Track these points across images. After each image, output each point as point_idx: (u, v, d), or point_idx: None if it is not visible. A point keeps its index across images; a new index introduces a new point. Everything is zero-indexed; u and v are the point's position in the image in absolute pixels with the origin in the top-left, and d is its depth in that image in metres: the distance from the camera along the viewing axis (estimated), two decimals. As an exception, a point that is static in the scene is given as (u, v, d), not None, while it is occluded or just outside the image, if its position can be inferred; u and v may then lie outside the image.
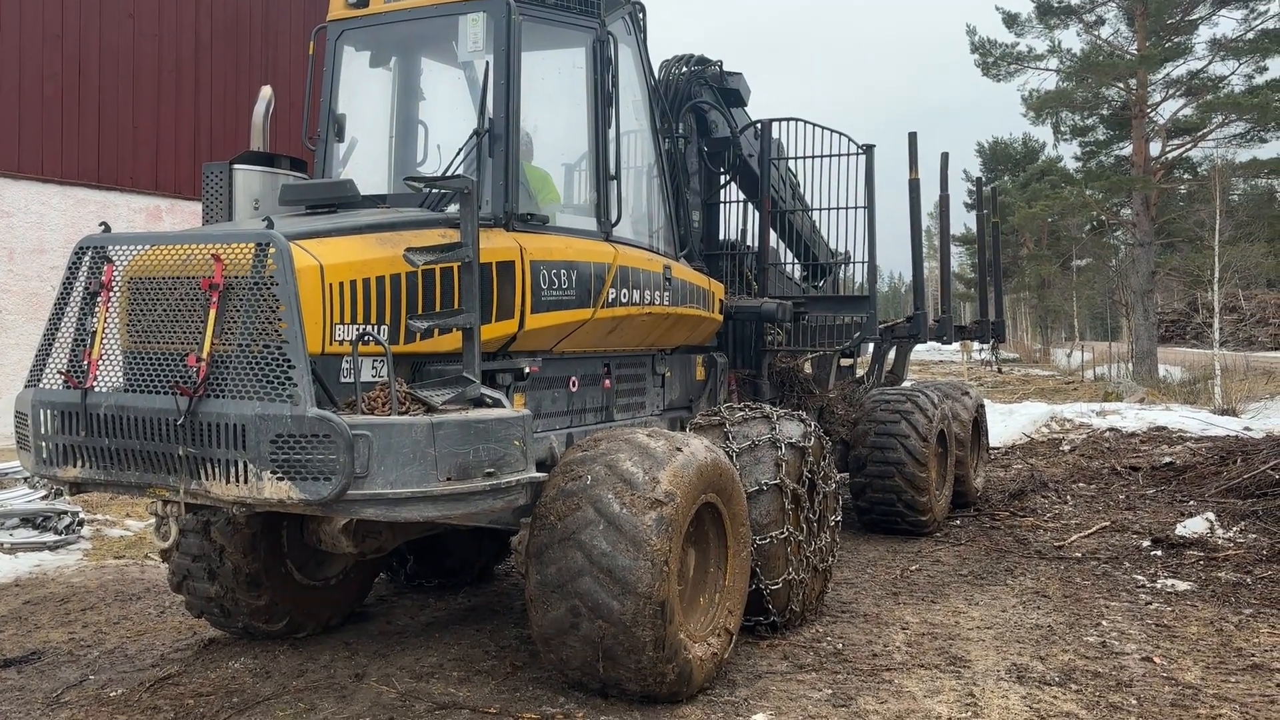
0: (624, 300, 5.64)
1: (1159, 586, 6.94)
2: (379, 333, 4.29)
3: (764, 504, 5.57)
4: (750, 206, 8.53)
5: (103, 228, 4.65)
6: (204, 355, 3.94)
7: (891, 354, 10.70)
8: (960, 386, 10.65)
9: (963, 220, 53.33)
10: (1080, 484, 11.05)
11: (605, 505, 4.45)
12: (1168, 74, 30.10)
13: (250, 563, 5.38)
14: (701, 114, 8.01)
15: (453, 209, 4.82)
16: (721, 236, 8.47)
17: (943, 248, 11.18)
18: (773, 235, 8.52)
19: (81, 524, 8.48)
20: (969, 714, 4.63)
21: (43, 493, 8.50)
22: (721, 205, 8.43)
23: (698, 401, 7.09)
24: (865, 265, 8.43)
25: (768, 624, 5.68)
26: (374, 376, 4.32)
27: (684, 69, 8.00)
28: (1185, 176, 32.37)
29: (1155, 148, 30.64)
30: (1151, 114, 30.27)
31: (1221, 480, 10.45)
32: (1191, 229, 30.07)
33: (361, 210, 4.98)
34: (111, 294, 4.28)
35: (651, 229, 6.35)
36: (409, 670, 5.23)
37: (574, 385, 5.66)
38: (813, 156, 8.32)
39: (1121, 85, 30.42)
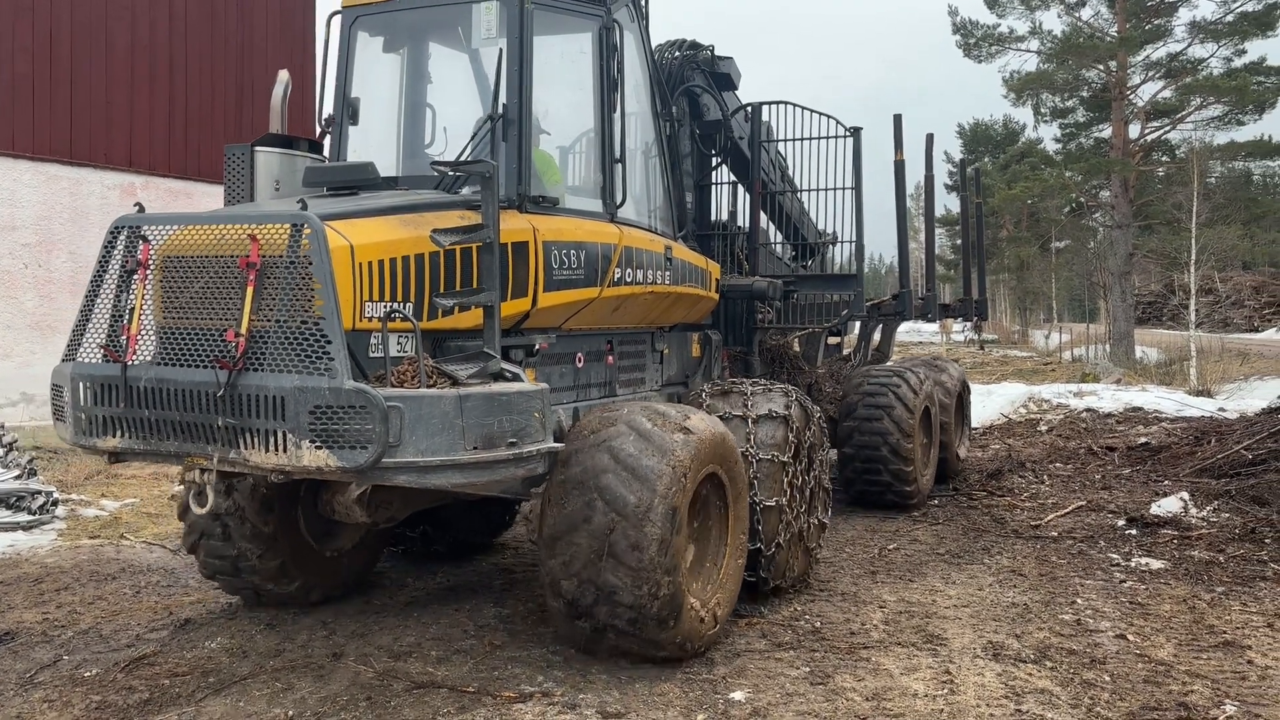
0: (628, 280, 5.86)
1: (1133, 565, 7.01)
2: (405, 310, 4.48)
3: (764, 472, 5.77)
4: (741, 188, 8.63)
5: (137, 208, 4.87)
6: (242, 331, 4.12)
7: (877, 333, 10.86)
8: (944, 363, 10.84)
9: (944, 202, 53.44)
10: (1057, 464, 11.14)
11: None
12: (1147, 56, 30.19)
13: (267, 525, 5.50)
14: (694, 97, 8.06)
15: (466, 191, 5.07)
16: (713, 218, 8.56)
17: (927, 228, 11.38)
18: (763, 216, 8.64)
19: (56, 504, 8.40)
20: (945, 691, 4.66)
21: (16, 472, 8.42)
22: (713, 187, 8.51)
23: (694, 378, 7.25)
24: (853, 245, 8.57)
25: (765, 586, 5.87)
26: (399, 351, 4.49)
27: (677, 53, 8.06)
28: (1164, 159, 32.48)
29: (1134, 130, 30.76)
30: (1131, 96, 30.36)
31: (1196, 460, 10.55)
32: (1169, 211, 30.22)
33: (382, 192, 5.15)
34: (148, 272, 4.45)
35: (652, 210, 6.49)
36: (387, 649, 5.22)
37: (580, 361, 5.83)
38: (801, 139, 8.44)
39: (1101, 67, 30.48)
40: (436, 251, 4.62)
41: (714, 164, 8.44)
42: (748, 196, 8.53)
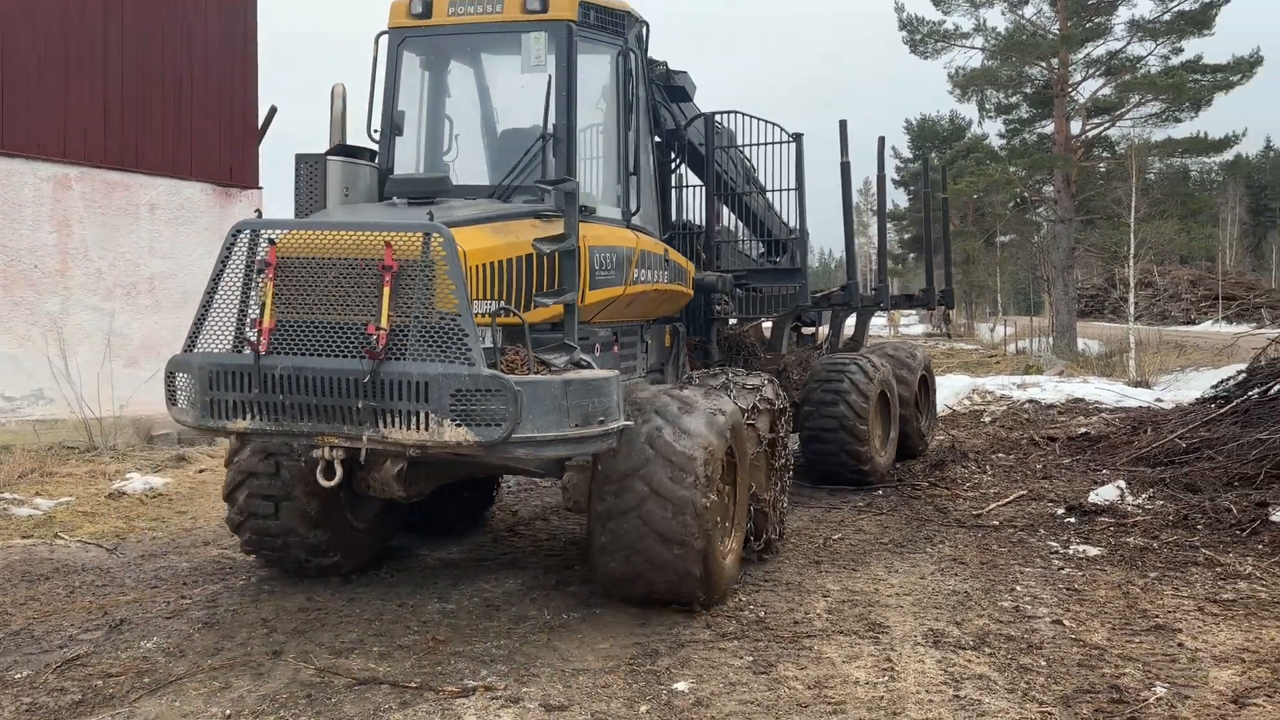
0: (642, 279, 6.56)
1: (1071, 552, 7.14)
2: (507, 305, 5.17)
3: (758, 453, 6.54)
4: (702, 190, 9.00)
5: (256, 213, 5.46)
6: (383, 325, 4.67)
7: (851, 323, 11.43)
8: (908, 349, 11.39)
9: (891, 197, 53.98)
10: (999, 454, 11.32)
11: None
12: (1088, 54, 30.75)
13: (314, 502, 5.95)
14: (654, 110, 8.33)
15: (519, 201, 5.91)
16: (672, 218, 8.79)
17: (880, 223, 12.01)
18: (730, 215, 9.22)
19: (-13, 503, 8.19)
20: (886, 678, 4.72)
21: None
22: (677, 190, 8.89)
23: (667, 365, 7.85)
24: (797, 240, 9.23)
25: (755, 542, 6.62)
26: (489, 343, 5.00)
27: None
28: (1104, 155, 33.14)
29: (1076, 126, 31.33)
30: (1072, 93, 30.91)
31: (1133, 449, 10.78)
32: (1109, 206, 30.82)
33: (456, 202, 5.76)
34: (275, 270, 4.90)
35: (650, 216, 7.05)
36: (328, 647, 5.16)
37: (598, 350, 6.42)
38: (748, 145, 8.98)
39: (1044, 64, 30.98)
40: (524, 255, 5.40)
41: (673, 169, 8.73)
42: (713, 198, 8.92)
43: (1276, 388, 10.63)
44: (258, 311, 4.93)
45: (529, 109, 6.32)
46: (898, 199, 55.81)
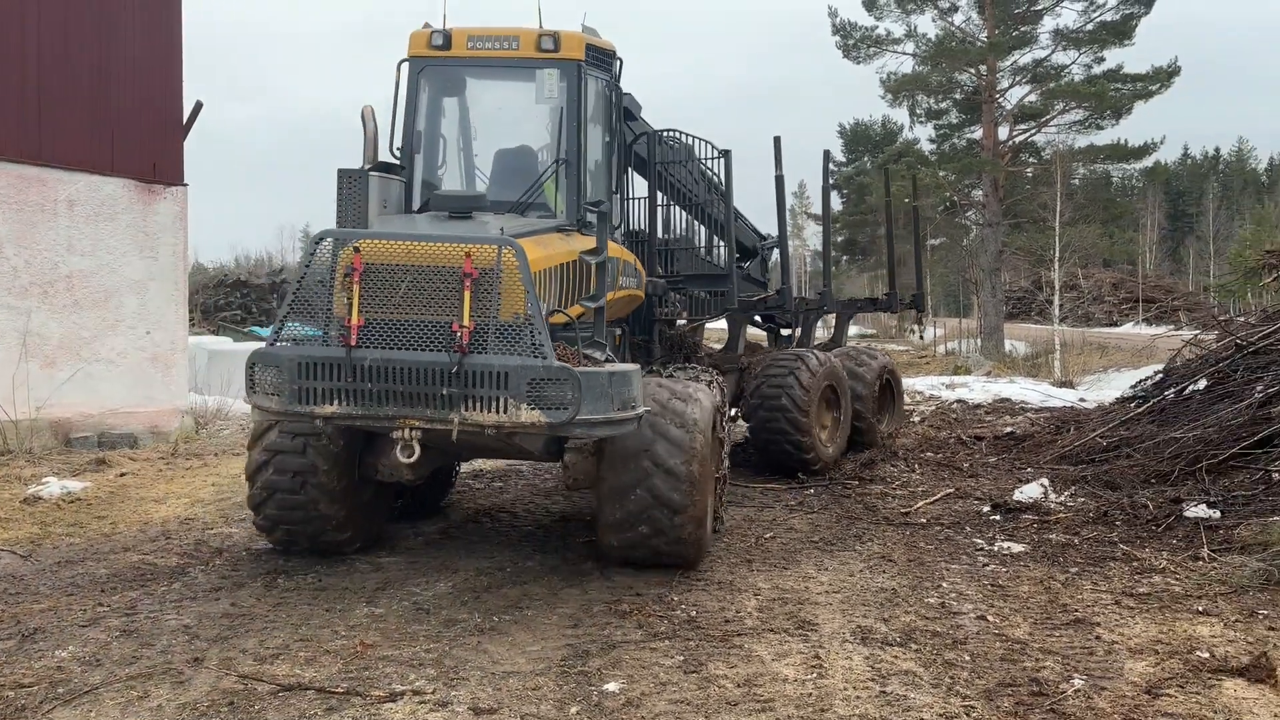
0: (623, 285, 7.44)
1: (996, 549, 7.30)
2: (555, 308, 6.04)
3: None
4: (653, 202, 9.46)
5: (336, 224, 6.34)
6: (466, 324, 5.45)
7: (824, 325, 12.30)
8: (870, 353, 12.00)
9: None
10: (928, 453, 11.52)
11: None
12: (1014, 61, 31.52)
13: (339, 477, 6.53)
14: None
15: (533, 216, 6.80)
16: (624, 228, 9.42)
17: (825, 234, 13.13)
18: (692, 224, 9.94)
19: (-107, 509, 7.87)
20: (814, 675, 4.77)
21: None
22: (630, 201, 9.23)
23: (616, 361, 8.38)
24: (725, 249, 9.75)
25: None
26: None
27: None
28: (1030, 160, 33.96)
29: (1003, 132, 32.06)
30: (1000, 99, 31.63)
31: (1056, 448, 11.06)
32: (1035, 210, 31.59)
33: (488, 216, 6.51)
34: (361, 275, 5.55)
35: (619, 228, 7.86)
36: (252, 653, 5.05)
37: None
38: (679, 161, 9.46)
39: (972, 71, 31.66)
40: (561, 265, 6.34)
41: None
42: (672, 208, 9.61)
43: (1190, 388, 10.99)
44: (345, 310, 5.56)
45: (537, 134, 7.48)
46: (832, 202, 56.44)
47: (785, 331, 11.84)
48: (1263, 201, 60.62)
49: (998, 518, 8.26)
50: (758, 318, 11.68)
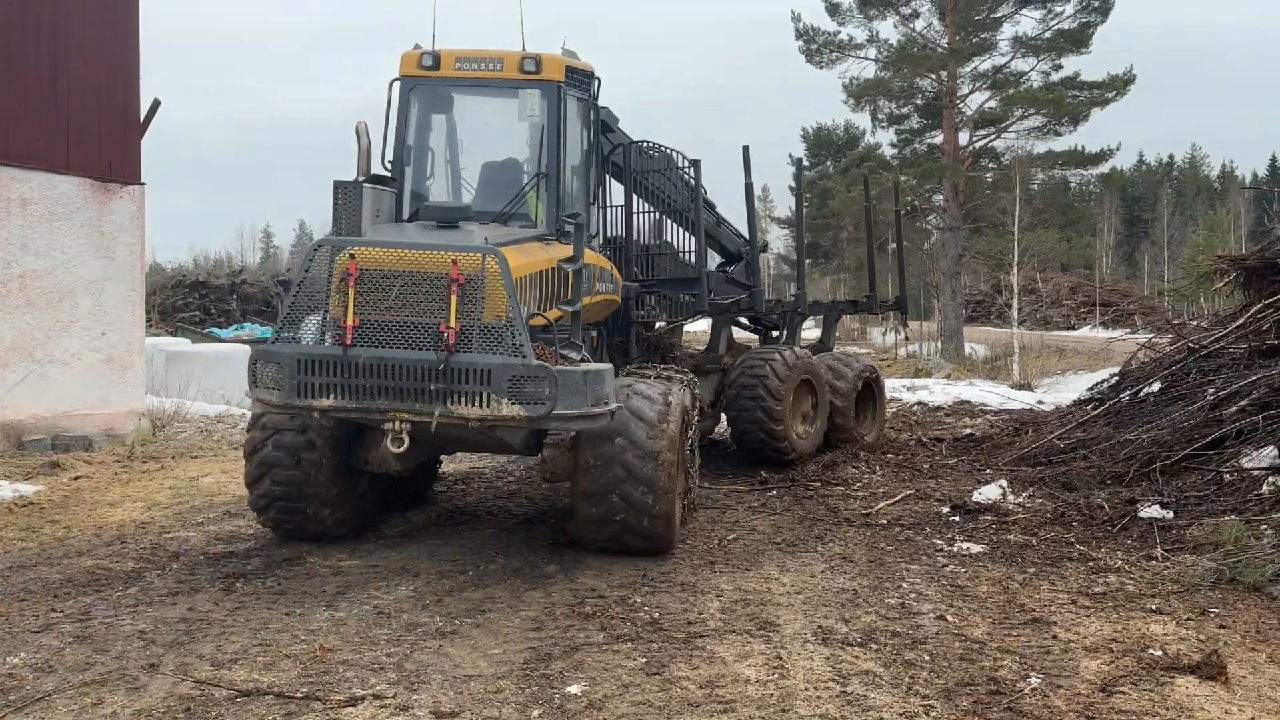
0: (600, 290, 7.93)
1: (955, 550, 7.37)
2: (535, 311, 6.50)
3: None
4: (635, 209, 9.84)
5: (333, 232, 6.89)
6: (452, 325, 5.89)
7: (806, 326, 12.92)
8: (852, 357, 12.52)
9: (786, 203, 54.90)
10: (889, 455, 11.61)
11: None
12: (975, 68, 31.89)
13: (334, 457, 6.98)
14: None
15: (515, 226, 7.35)
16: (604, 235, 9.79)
17: (799, 239, 13.93)
18: (676, 230, 10.39)
19: None
20: (776, 676, 4.79)
21: None
22: (608, 209, 9.64)
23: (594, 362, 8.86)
24: (694, 254, 10.11)
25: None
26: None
27: None
28: (990, 165, 34.38)
29: (964, 137, 32.43)
30: (960, 105, 31.99)
31: (1015, 450, 11.20)
32: (995, 215, 31.99)
33: (473, 226, 7.02)
34: (356, 280, 5.96)
35: (595, 237, 8.30)
36: (209, 658, 4.98)
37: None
38: (659, 170, 9.92)
39: (933, 77, 32.00)
40: (539, 271, 6.76)
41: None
42: (651, 214, 10.04)
43: (1145, 390, 11.18)
44: (340, 312, 5.98)
45: (519, 148, 7.99)
46: (792, 205, 56.71)
47: (775, 333, 12.45)
48: (1215, 208, 61.84)
49: (957, 519, 8.35)
50: (745, 320, 12.19)
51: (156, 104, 13.16)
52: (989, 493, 8.93)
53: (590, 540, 6.93)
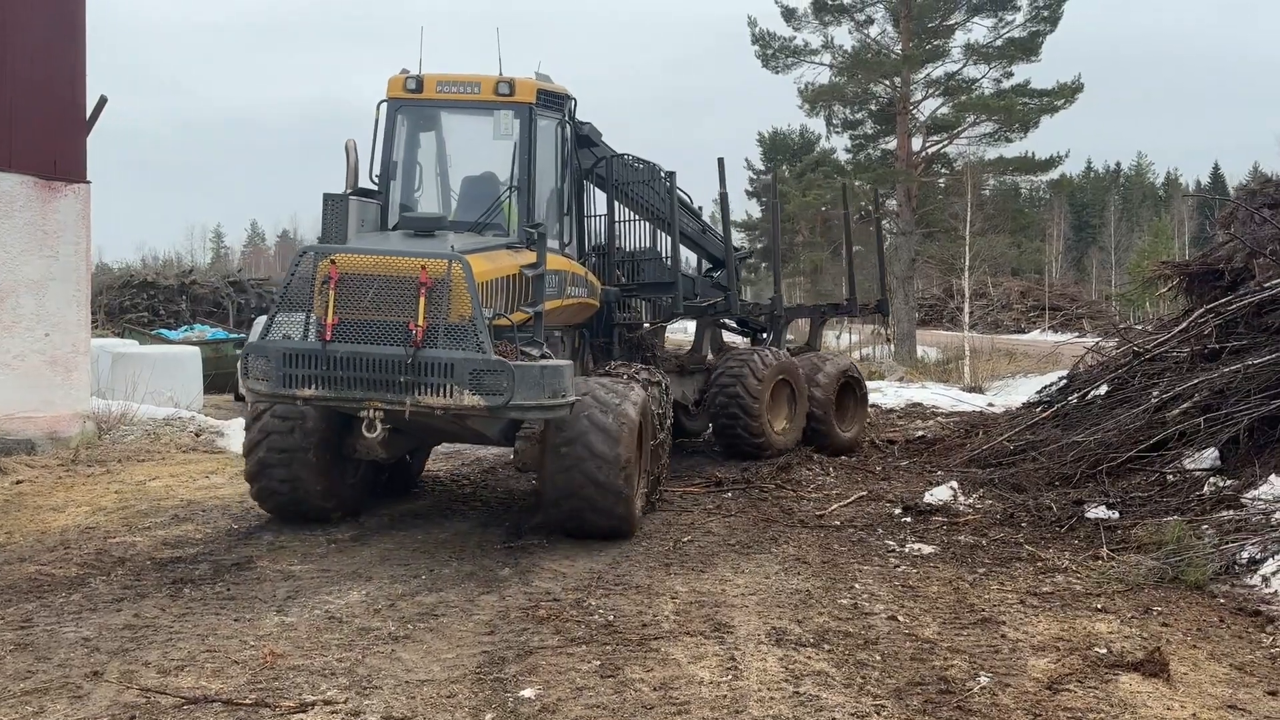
0: (571, 294, 8.61)
1: (907, 550, 7.45)
2: (499, 312, 7.17)
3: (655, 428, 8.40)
4: (618, 218, 10.49)
5: (317, 239, 7.56)
6: (420, 324, 6.53)
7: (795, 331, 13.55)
8: (829, 358, 13.03)
9: (744, 207, 55.22)
10: (842, 457, 11.71)
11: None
12: (928, 74, 32.29)
13: (322, 454, 7.60)
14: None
15: (489, 235, 7.98)
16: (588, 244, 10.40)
17: (774, 245, 14.66)
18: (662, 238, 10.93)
19: None
20: (729, 677, 4.81)
21: None
22: (591, 219, 10.29)
23: (575, 361, 9.42)
24: (668, 260, 10.75)
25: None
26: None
27: None
28: (943, 171, 34.82)
29: (917, 143, 32.81)
30: (913, 111, 32.36)
31: (965, 451, 11.35)
32: (947, 220, 32.40)
33: (450, 234, 7.62)
34: (337, 283, 6.62)
35: (573, 245, 9.05)
36: (155, 665, 4.90)
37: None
38: (644, 181, 10.55)
39: (887, 83, 32.34)
40: (505, 276, 7.37)
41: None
42: (636, 222, 10.72)
43: (1092, 393, 11.39)
44: (322, 311, 6.63)
45: (495, 164, 8.53)
46: (751, 209, 57.09)
47: (764, 335, 13.12)
48: (1160, 214, 63.24)
49: (909, 520, 8.44)
50: (733, 323, 13.10)
51: (103, 101, 12.91)
52: (940, 494, 9.04)
53: (556, 523, 7.52)
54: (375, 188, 8.32)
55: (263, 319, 6.72)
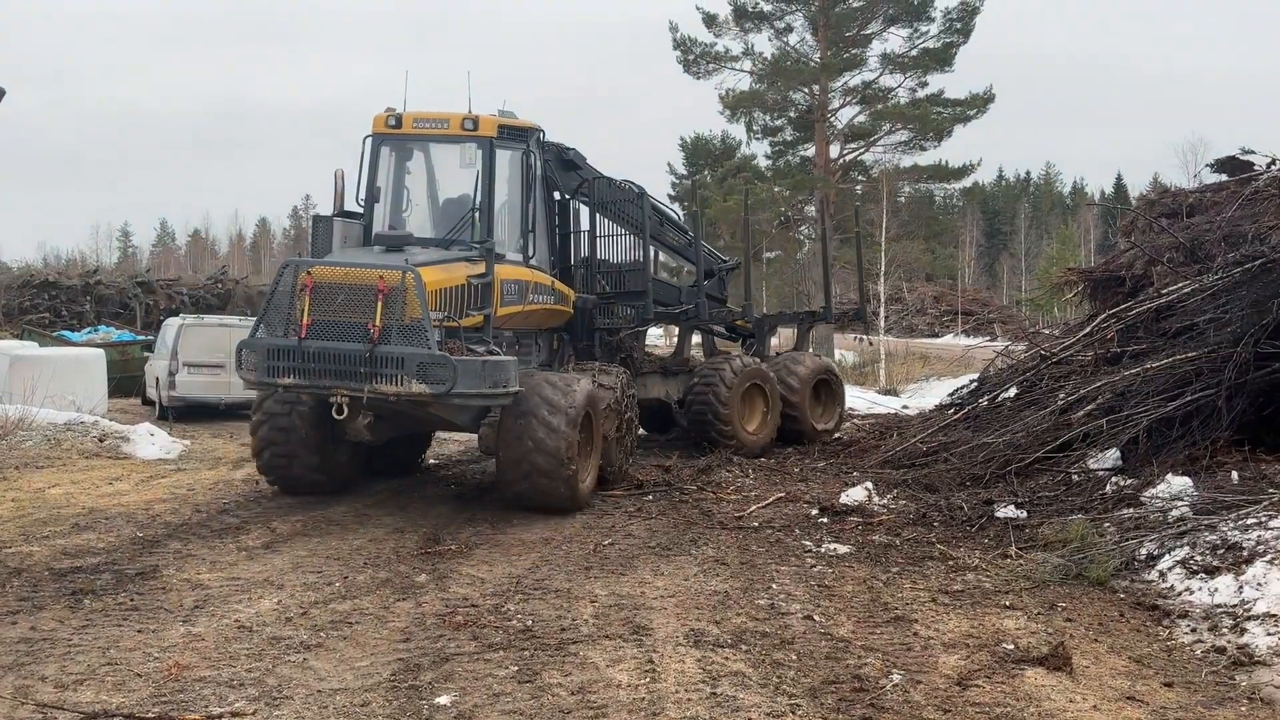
0: (534, 300, 9.70)
1: (823, 551, 7.55)
2: (450, 315, 8.33)
3: (609, 416, 9.60)
4: (606, 235, 11.80)
5: (297, 254, 8.46)
6: (377, 324, 7.82)
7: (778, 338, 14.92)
8: (801, 360, 13.66)
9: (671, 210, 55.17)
10: (761, 459, 11.84)
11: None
12: (845, 82, 32.78)
13: (314, 434, 8.94)
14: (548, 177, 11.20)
15: (456, 250, 8.99)
16: (568, 258, 11.50)
17: (745, 256, 15.63)
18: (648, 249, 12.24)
19: None
20: (648, 680, 4.81)
21: None
22: (576, 234, 11.51)
23: (554, 362, 10.78)
24: (639, 272, 11.96)
25: (608, 473, 9.70)
26: (438, 337, 8.04)
27: None
28: (860, 178, 35.40)
29: (834, 150, 33.31)
30: (831, 119, 32.86)
31: (880, 453, 11.57)
32: (864, 226, 32.91)
33: (416, 249, 8.96)
34: (312, 290, 8.01)
35: (543, 258, 10.13)
36: (52, 680, 4.71)
37: (504, 346, 9.16)
38: (610, 200, 11.71)
39: (806, 90, 32.78)
40: (458, 285, 8.50)
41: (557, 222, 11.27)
42: (625, 240, 12.01)
43: (1002, 396, 11.70)
44: (299, 314, 7.99)
45: (463, 188, 9.65)
46: (674, 214, 57.21)
47: (751, 341, 14.21)
48: (1067, 222, 65.28)
49: (825, 520, 8.56)
50: (722, 328, 14.15)
51: (0, 93, 12.38)
52: (855, 495, 9.19)
53: (511, 497, 8.72)
54: (360, 210, 9.52)
55: (175, 320, 7.61)
